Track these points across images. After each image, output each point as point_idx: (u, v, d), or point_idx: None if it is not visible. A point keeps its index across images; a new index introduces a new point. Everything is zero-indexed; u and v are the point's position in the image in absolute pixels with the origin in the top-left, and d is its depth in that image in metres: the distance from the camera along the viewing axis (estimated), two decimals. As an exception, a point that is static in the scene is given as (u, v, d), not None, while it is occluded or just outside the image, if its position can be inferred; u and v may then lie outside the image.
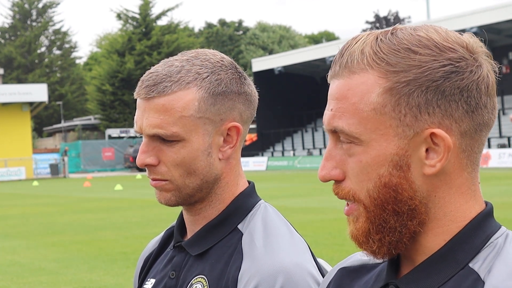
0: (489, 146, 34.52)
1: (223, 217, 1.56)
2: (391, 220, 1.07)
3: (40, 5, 77.36)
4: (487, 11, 35.89)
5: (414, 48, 1.05)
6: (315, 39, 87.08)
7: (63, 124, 69.30)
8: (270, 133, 49.81)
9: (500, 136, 35.74)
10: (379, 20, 73.59)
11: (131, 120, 58.62)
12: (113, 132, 59.35)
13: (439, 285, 1.07)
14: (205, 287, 1.49)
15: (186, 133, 1.50)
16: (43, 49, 78.05)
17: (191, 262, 1.55)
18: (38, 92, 47.02)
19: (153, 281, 1.62)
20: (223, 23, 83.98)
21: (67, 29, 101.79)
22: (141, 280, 1.69)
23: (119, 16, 64.29)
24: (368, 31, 1.11)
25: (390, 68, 1.06)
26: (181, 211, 1.63)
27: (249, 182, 1.62)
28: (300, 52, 48.87)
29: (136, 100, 1.54)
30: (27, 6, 76.71)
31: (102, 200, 22.68)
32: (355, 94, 1.08)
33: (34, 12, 77.43)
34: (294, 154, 46.91)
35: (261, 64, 50.03)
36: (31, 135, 50.65)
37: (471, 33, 1.09)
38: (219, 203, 1.57)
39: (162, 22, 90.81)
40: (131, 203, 20.83)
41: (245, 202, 1.57)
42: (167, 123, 1.49)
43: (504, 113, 37.02)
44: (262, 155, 49.00)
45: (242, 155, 5.31)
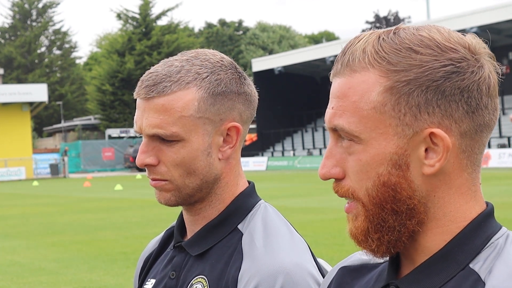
0: (489, 146, 34.49)
1: (223, 217, 1.55)
2: (389, 219, 1.07)
3: (40, 5, 77.36)
4: (487, 11, 35.89)
5: (416, 48, 1.05)
6: (315, 39, 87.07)
7: (63, 124, 69.31)
8: (270, 133, 49.80)
9: (500, 136, 35.75)
10: (379, 20, 73.55)
11: (131, 120, 58.60)
12: (113, 132, 59.35)
13: (440, 286, 1.07)
14: (205, 287, 1.49)
15: (185, 133, 1.49)
16: (43, 49, 78.06)
17: (191, 262, 1.55)
18: (38, 92, 47.03)
19: (153, 281, 1.61)
20: (223, 23, 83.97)
21: (67, 29, 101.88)
22: (141, 280, 1.69)
23: (119, 16, 64.29)
24: (371, 30, 1.11)
25: (391, 67, 1.06)
26: (181, 211, 1.62)
27: (249, 182, 1.62)
28: (300, 52, 48.86)
29: (136, 100, 1.53)
30: (27, 6, 76.71)
31: (102, 200, 22.68)
32: (356, 93, 1.08)
33: (34, 12, 77.43)
34: (294, 154, 46.90)
35: (261, 64, 50.02)
36: (31, 135, 50.66)
37: (474, 34, 1.09)
38: (219, 203, 1.56)
39: (162, 22, 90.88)
40: (131, 203, 20.82)
41: (245, 202, 1.57)
42: (167, 123, 1.48)
43: (504, 113, 37.00)
44: (262, 155, 49.00)
45: (242, 155, 5.31)
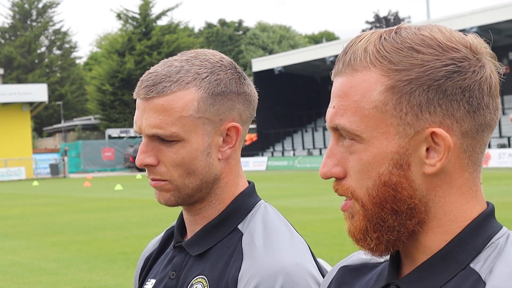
0: (489, 146, 34.45)
1: (223, 217, 1.55)
2: (389, 219, 1.07)
3: (40, 5, 77.39)
4: (487, 11, 35.90)
5: (417, 47, 1.05)
6: (315, 39, 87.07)
7: (63, 124, 69.33)
8: (270, 133, 49.81)
9: (500, 136, 35.75)
10: (379, 20, 73.57)
11: (131, 120, 58.60)
12: (113, 132, 59.37)
13: (440, 286, 1.06)
14: (205, 287, 1.49)
15: (185, 133, 1.49)
16: (43, 49, 78.09)
17: (191, 262, 1.55)
18: (38, 92, 47.04)
19: (153, 281, 1.61)
20: (223, 23, 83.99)
21: (67, 29, 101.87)
22: (142, 280, 1.69)
23: (119, 16, 64.30)
24: (373, 30, 1.11)
25: (392, 66, 1.05)
26: (181, 211, 1.62)
27: (249, 182, 1.61)
28: (300, 52, 48.88)
29: (136, 100, 1.53)
30: (27, 6, 76.73)
31: (102, 200, 22.69)
32: (357, 92, 1.07)
33: (34, 12, 77.46)
34: (294, 154, 46.91)
35: (261, 64, 50.04)
36: (31, 135, 50.67)
37: (476, 34, 1.09)
38: (219, 203, 1.56)
39: (162, 22, 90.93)
40: (131, 203, 20.83)
41: (245, 202, 1.57)
42: (167, 123, 1.48)
43: (504, 113, 37.00)
44: (262, 155, 49.01)
45: (242, 155, 5.31)
